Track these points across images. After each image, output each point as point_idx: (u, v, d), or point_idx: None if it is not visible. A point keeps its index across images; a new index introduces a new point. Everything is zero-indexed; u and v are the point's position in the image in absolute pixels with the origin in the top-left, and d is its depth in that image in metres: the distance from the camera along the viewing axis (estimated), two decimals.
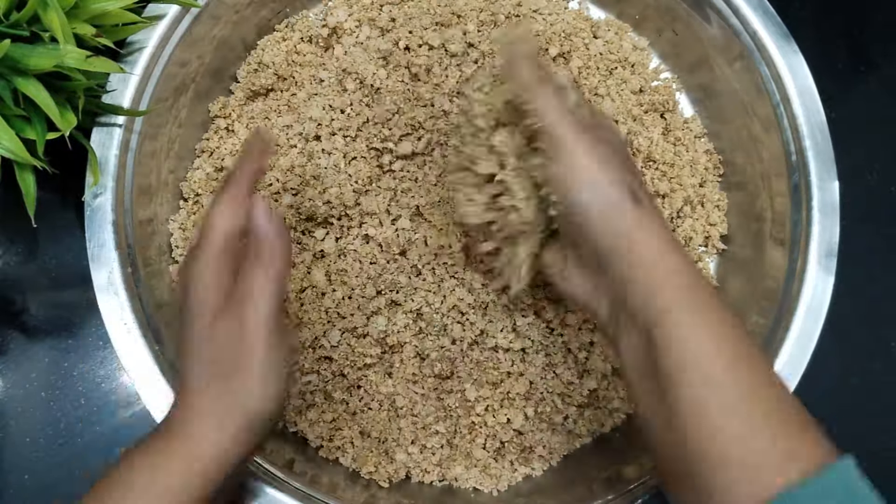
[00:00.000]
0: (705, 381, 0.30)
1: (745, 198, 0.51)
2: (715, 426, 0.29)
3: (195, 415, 0.33)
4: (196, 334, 0.33)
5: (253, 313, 0.33)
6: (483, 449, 0.47)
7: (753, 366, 0.31)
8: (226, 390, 0.33)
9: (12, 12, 0.37)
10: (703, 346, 0.31)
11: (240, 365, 0.33)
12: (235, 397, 0.33)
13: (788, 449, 0.29)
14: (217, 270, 0.34)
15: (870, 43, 0.60)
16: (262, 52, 0.52)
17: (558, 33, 0.52)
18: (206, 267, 0.34)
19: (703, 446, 0.29)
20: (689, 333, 0.31)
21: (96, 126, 0.44)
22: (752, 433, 0.29)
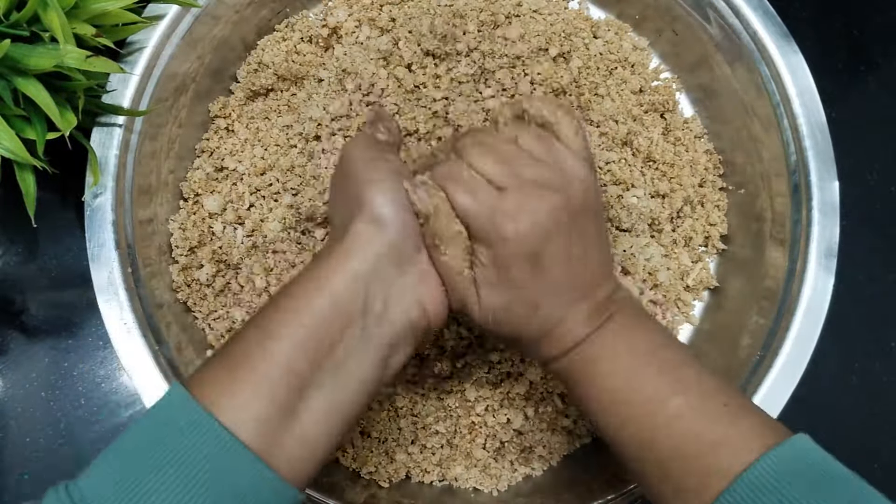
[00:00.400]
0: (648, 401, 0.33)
1: (745, 198, 0.51)
2: (678, 429, 0.32)
3: (331, 237, 0.37)
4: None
5: (346, 145, 0.39)
6: (483, 449, 0.47)
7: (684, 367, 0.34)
8: (343, 207, 0.36)
9: (12, 12, 0.37)
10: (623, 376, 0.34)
11: (344, 181, 0.36)
12: (349, 204, 0.35)
13: (749, 427, 0.31)
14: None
15: (870, 43, 0.60)
16: (262, 52, 0.52)
17: (558, 33, 0.52)
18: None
19: (674, 444, 0.32)
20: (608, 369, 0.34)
21: (96, 126, 0.44)
22: (711, 423, 0.31)
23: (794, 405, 0.42)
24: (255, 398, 0.30)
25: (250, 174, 0.49)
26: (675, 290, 0.50)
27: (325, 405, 0.32)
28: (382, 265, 0.33)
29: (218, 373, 0.31)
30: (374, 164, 0.35)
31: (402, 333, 0.34)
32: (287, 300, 0.33)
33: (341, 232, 0.34)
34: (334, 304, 0.32)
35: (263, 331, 0.32)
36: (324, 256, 0.34)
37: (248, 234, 0.48)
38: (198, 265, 0.48)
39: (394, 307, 0.33)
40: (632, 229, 0.49)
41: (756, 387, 0.43)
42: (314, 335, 0.31)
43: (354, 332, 0.32)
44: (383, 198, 0.34)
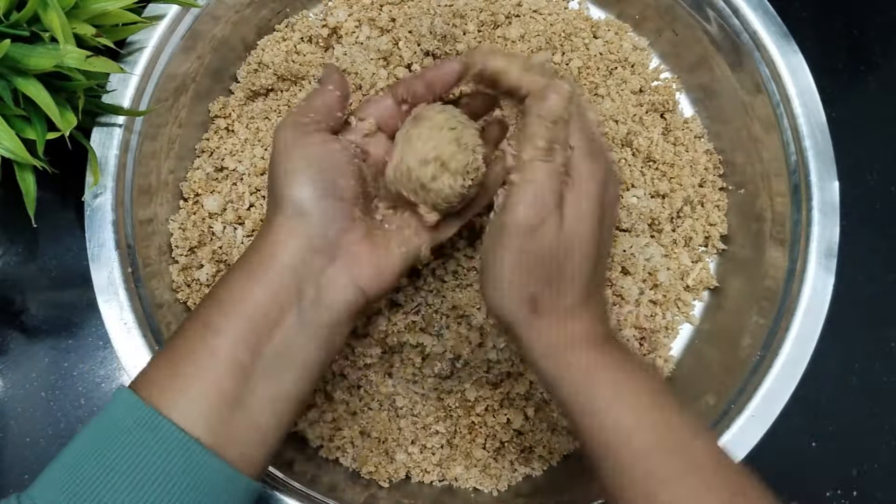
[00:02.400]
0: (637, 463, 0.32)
1: (745, 198, 0.51)
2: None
3: (261, 229, 0.36)
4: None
5: (273, 133, 0.36)
6: (483, 449, 0.47)
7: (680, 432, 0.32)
8: (270, 198, 0.36)
9: (12, 12, 0.37)
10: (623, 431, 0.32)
11: (269, 170, 0.35)
12: (273, 195, 0.35)
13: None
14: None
15: (870, 43, 0.60)
16: (262, 52, 0.52)
17: (558, 33, 0.52)
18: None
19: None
20: (594, 428, 0.33)
21: (96, 126, 0.44)
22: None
23: (794, 405, 0.42)
24: (202, 392, 0.31)
25: (250, 174, 0.49)
26: (675, 290, 0.50)
27: (272, 392, 0.32)
28: (309, 255, 0.33)
29: (163, 371, 0.32)
30: (293, 151, 0.35)
31: (340, 316, 0.34)
32: (224, 293, 0.33)
33: (267, 224, 0.35)
34: (269, 295, 0.33)
35: (204, 325, 0.32)
36: (255, 249, 0.34)
37: (248, 234, 0.48)
38: (198, 265, 0.48)
39: (327, 292, 0.34)
40: (632, 229, 0.49)
41: (756, 387, 0.43)
42: (254, 326, 0.32)
43: (292, 320, 0.33)
44: (300, 190, 0.34)
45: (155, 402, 0.30)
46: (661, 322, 0.50)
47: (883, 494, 0.51)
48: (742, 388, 0.43)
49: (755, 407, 0.42)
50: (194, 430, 0.30)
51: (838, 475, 0.51)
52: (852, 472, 0.52)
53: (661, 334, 0.50)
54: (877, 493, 0.51)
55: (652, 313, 0.49)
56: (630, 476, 0.31)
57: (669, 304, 0.50)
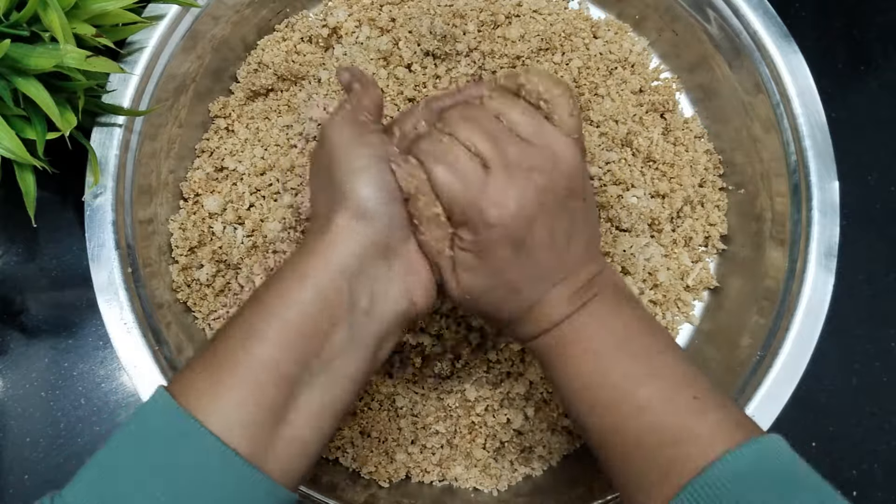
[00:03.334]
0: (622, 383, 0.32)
1: (745, 198, 0.51)
2: (645, 419, 0.31)
3: (312, 227, 0.35)
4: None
5: (326, 123, 0.34)
6: (483, 449, 0.47)
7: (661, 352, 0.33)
8: (324, 195, 0.34)
9: (12, 12, 0.37)
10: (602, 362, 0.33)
11: (326, 166, 0.34)
12: (332, 193, 0.33)
13: (717, 422, 0.31)
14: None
15: (870, 43, 0.60)
16: (262, 52, 0.52)
17: (558, 33, 0.52)
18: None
19: (638, 435, 0.31)
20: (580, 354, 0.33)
21: (96, 126, 0.44)
22: (678, 416, 0.31)
23: (794, 405, 0.42)
24: (243, 402, 0.29)
25: (250, 174, 0.49)
26: (675, 290, 0.50)
27: (316, 405, 0.31)
28: (369, 260, 0.32)
29: (202, 376, 0.30)
30: (358, 149, 0.33)
31: (391, 327, 0.33)
32: (270, 297, 0.32)
33: (324, 223, 0.33)
34: (320, 301, 0.31)
35: (247, 330, 0.31)
36: (307, 250, 0.32)
37: (248, 234, 0.48)
38: (198, 265, 0.48)
39: (381, 302, 0.32)
40: (632, 229, 0.49)
41: (756, 387, 0.43)
42: (300, 334, 0.30)
43: (342, 329, 0.31)
44: (368, 189, 0.32)
45: (193, 409, 0.29)
46: (661, 322, 0.50)
47: (883, 494, 0.51)
48: (742, 388, 0.43)
49: (755, 407, 0.42)
50: (233, 440, 0.28)
51: (838, 475, 0.51)
52: (852, 472, 0.52)
53: None
54: (877, 493, 0.51)
55: (652, 313, 0.49)
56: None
57: (669, 304, 0.50)
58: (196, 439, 0.28)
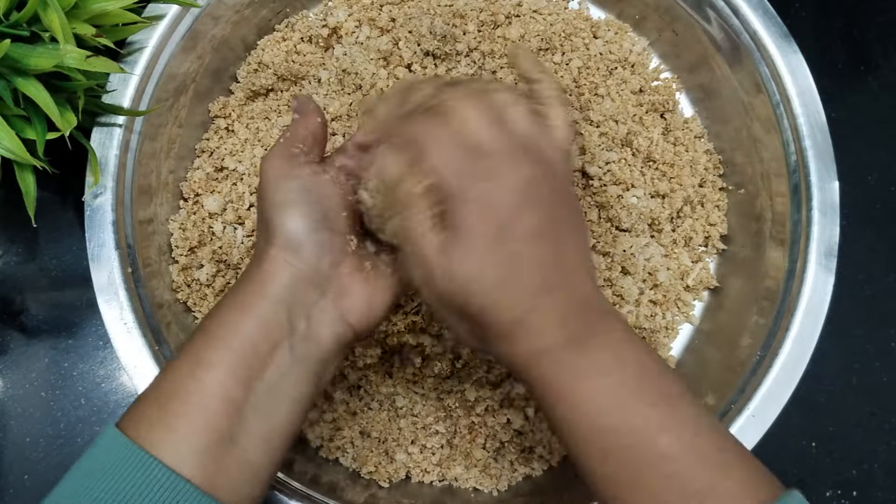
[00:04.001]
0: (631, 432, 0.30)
1: (745, 198, 0.51)
2: (666, 470, 0.29)
3: (252, 257, 0.35)
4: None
5: (261, 163, 0.35)
6: (483, 449, 0.47)
7: (675, 404, 0.31)
8: (260, 228, 0.35)
9: (12, 12, 0.37)
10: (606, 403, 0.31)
11: (259, 201, 0.35)
12: (264, 226, 0.35)
13: (742, 479, 0.29)
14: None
15: (870, 43, 0.60)
16: (262, 52, 0.52)
17: (558, 33, 0.52)
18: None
19: (658, 487, 0.29)
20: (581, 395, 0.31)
21: (96, 126, 0.44)
22: (702, 468, 0.29)
23: (794, 405, 0.42)
24: (193, 430, 0.30)
25: (250, 174, 0.49)
26: (675, 290, 0.50)
27: (264, 428, 0.32)
28: (300, 288, 0.33)
29: (152, 408, 0.31)
30: (284, 183, 0.34)
31: (330, 349, 0.34)
32: (214, 327, 0.33)
33: (257, 255, 0.34)
34: (260, 328, 0.32)
35: (195, 360, 0.32)
36: (247, 281, 0.34)
37: (248, 234, 0.48)
38: (198, 265, 0.48)
39: (318, 326, 0.33)
40: (632, 229, 0.49)
41: (756, 387, 0.43)
42: (244, 359, 0.31)
43: (283, 353, 0.32)
44: (293, 222, 0.33)
45: (144, 441, 0.29)
46: (661, 322, 0.50)
47: (883, 494, 0.51)
48: (742, 388, 0.43)
49: (755, 407, 0.42)
50: (185, 469, 0.29)
51: (838, 475, 0.51)
52: (852, 472, 0.52)
53: (661, 334, 0.50)
54: (877, 493, 0.51)
55: (652, 313, 0.49)
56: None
57: (669, 304, 0.50)
58: (148, 471, 0.29)
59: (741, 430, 0.42)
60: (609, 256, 0.49)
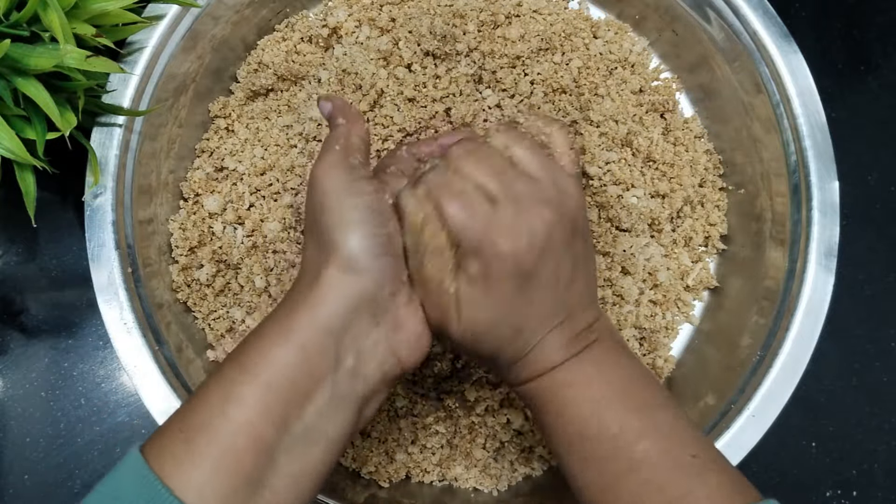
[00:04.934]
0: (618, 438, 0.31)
1: (745, 198, 0.51)
2: (642, 476, 0.30)
3: (299, 279, 0.33)
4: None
5: (315, 166, 0.32)
6: (483, 449, 0.47)
7: (661, 411, 0.32)
8: (314, 244, 0.32)
9: (12, 12, 0.37)
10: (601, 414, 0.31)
11: (316, 214, 0.32)
12: (322, 243, 0.32)
13: (720, 485, 0.30)
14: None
15: (870, 43, 0.60)
16: (262, 52, 0.52)
17: (558, 33, 0.52)
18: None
19: (635, 492, 0.30)
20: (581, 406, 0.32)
21: (96, 126, 0.44)
22: (678, 474, 0.30)
23: (794, 405, 0.42)
24: (219, 470, 0.28)
25: (250, 174, 0.49)
26: (675, 290, 0.50)
27: (296, 470, 0.29)
28: (356, 317, 0.31)
29: (178, 441, 0.29)
30: (349, 199, 0.31)
31: (377, 385, 0.32)
32: (251, 356, 0.30)
33: (312, 275, 0.31)
34: (303, 362, 0.30)
35: (226, 393, 0.29)
36: (292, 303, 0.31)
37: (248, 234, 0.48)
38: (198, 265, 0.48)
39: (368, 361, 0.31)
40: (632, 229, 0.49)
41: (756, 387, 0.43)
42: (281, 397, 0.29)
43: (325, 391, 0.30)
44: (360, 242, 0.31)
45: (167, 477, 0.27)
46: (661, 322, 0.50)
47: (883, 494, 0.51)
48: (742, 388, 0.43)
49: (755, 407, 0.42)
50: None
51: (838, 475, 0.51)
52: (852, 472, 0.52)
53: (661, 334, 0.50)
54: (877, 493, 0.51)
55: (652, 313, 0.49)
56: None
57: (669, 304, 0.50)
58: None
59: (741, 430, 0.42)
60: (609, 256, 0.49)
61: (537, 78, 0.50)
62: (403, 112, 0.48)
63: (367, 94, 0.49)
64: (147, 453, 0.29)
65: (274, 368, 0.29)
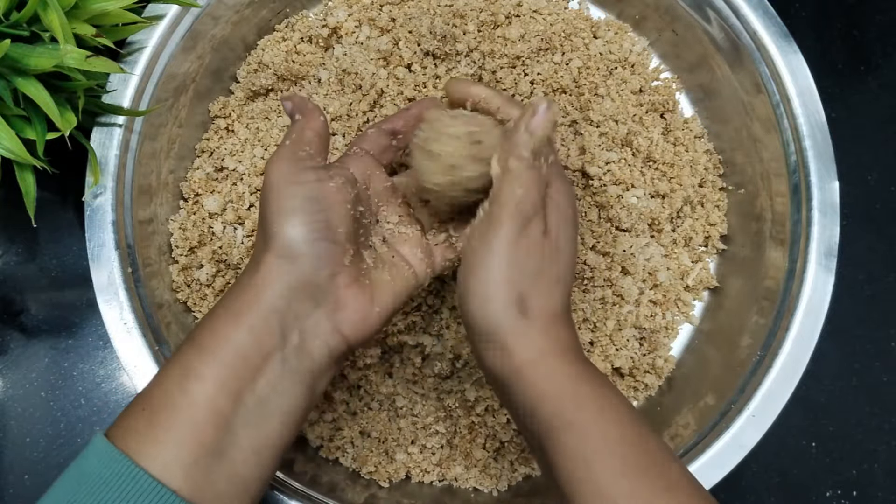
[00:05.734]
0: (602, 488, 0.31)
1: (745, 198, 0.51)
2: None
3: (247, 266, 0.35)
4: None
5: (267, 160, 0.35)
6: (483, 449, 0.47)
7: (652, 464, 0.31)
8: (260, 232, 0.34)
9: (12, 12, 0.37)
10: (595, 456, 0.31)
11: (261, 205, 0.34)
12: (264, 231, 0.34)
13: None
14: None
15: (870, 43, 0.60)
16: (262, 52, 0.52)
17: (558, 33, 0.52)
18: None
19: None
20: (576, 445, 0.31)
21: (96, 126, 0.44)
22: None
23: (794, 405, 0.42)
24: (181, 443, 0.29)
25: (250, 174, 0.49)
26: (675, 290, 0.50)
27: (254, 441, 0.31)
28: (296, 299, 0.32)
29: (140, 419, 0.30)
30: (289, 188, 0.33)
31: (323, 362, 0.33)
32: (205, 337, 0.32)
33: (254, 262, 0.33)
34: (253, 339, 0.32)
35: (184, 370, 0.31)
36: (240, 288, 0.33)
37: (248, 234, 0.48)
38: (198, 265, 0.48)
39: (311, 339, 0.33)
40: (632, 229, 0.49)
41: (756, 387, 0.43)
42: (235, 371, 0.31)
43: (275, 366, 0.32)
44: (294, 230, 0.32)
45: (132, 453, 0.29)
46: (661, 322, 0.50)
47: (883, 494, 0.51)
48: (742, 388, 0.43)
49: (755, 407, 0.42)
50: (173, 481, 0.29)
51: (838, 475, 0.51)
52: (852, 472, 0.52)
53: (661, 334, 0.50)
54: (877, 493, 0.51)
55: (652, 313, 0.49)
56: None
57: (669, 304, 0.50)
58: (135, 482, 0.28)
59: (741, 430, 0.42)
60: (609, 256, 0.49)
61: (537, 78, 0.50)
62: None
63: (367, 94, 0.49)
64: (111, 434, 0.30)
65: (227, 346, 0.31)
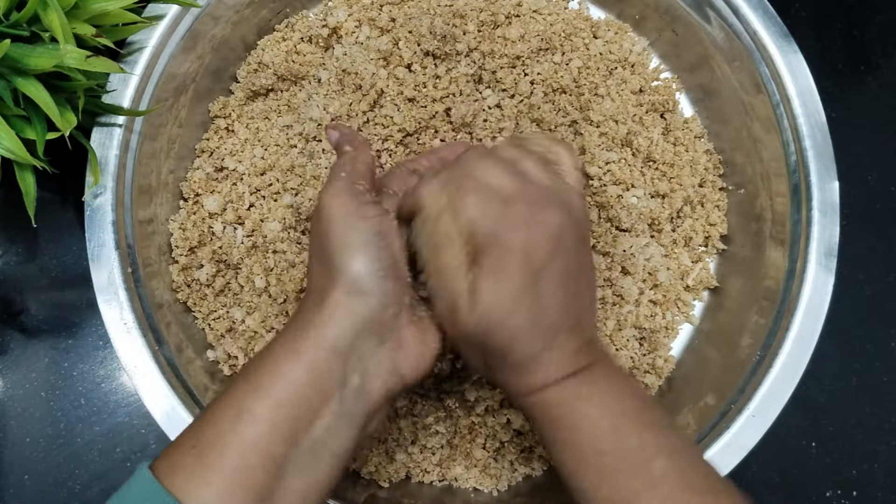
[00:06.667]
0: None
1: (745, 198, 0.51)
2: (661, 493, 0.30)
3: (306, 301, 0.34)
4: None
5: (323, 193, 0.34)
6: (483, 449, 0.47)
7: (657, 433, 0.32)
8: (320, 266, 0.33)
9: (12, 12, 0.37)
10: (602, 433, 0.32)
11: (322, 239, 0.33)
12: (328, 266, 0.33)
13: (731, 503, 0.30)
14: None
15: (870, 43, 0.60)
16: (262, 52, 0.52)
17: (558, 33, 0.52)
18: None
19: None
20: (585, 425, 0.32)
21: (96, 126, 0.44)
22: (694, 493, 0.30)
23: (794, 405, 0.42)
24: (231, 486, 0.29)
25: (250, 174, 0.49)
26: (675, 290, 0.50)
27: (304, 486, 0.30)
28: (362, 338, 0.32)
29: (189, 457, 0.30)
30: (355, 223, 0.32)
31: (380, 402, 0.33)
32: (261, 375, 0.31)
33: (318, 297, 0.32)
34: (312, 381, 0.31)
35: (237, 410, 0.30)
36: (300, 324, 0.32)
37: (248, 234, 0.48)
38: (198, 265, 0.48)
39: (373, 379, 0.32)
40: (632, 229, 0.49)
41: (756, 387, 0.43)
42: (291, 414, 0.30)
43: (332, 408, 0.31)
44: (364, 266, 0.32)
45: (179, 492, 0.28)
46: (661, 322, 0.50)
47: (883, 494, 0.51)
48: (742, 388, 0.43)
49: (755, 407, 0.42)
50: None
51: (838, 475, 0.51)
52: (852, 472, 0.52)
53: (661, 334, 0.50)
54: (877, 493, 0.51)
55: (652, 313, 0.49)
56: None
57: (669, 304, 0.50)
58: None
59: (741, 430, 0.42)
60: (609, 256, 0.49)
61: (537, 78, 0.50)
62: (403, 112, 0.48)
63: (367, 94, 0.49)
64: (157, 469, 0.29)
65: (284, 386, 0.30)
